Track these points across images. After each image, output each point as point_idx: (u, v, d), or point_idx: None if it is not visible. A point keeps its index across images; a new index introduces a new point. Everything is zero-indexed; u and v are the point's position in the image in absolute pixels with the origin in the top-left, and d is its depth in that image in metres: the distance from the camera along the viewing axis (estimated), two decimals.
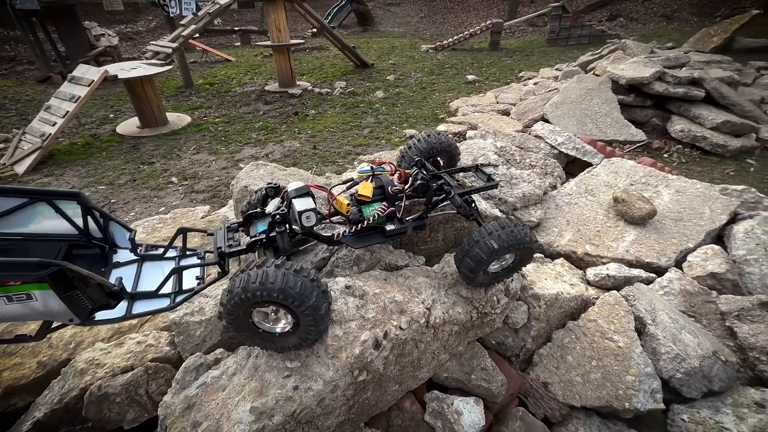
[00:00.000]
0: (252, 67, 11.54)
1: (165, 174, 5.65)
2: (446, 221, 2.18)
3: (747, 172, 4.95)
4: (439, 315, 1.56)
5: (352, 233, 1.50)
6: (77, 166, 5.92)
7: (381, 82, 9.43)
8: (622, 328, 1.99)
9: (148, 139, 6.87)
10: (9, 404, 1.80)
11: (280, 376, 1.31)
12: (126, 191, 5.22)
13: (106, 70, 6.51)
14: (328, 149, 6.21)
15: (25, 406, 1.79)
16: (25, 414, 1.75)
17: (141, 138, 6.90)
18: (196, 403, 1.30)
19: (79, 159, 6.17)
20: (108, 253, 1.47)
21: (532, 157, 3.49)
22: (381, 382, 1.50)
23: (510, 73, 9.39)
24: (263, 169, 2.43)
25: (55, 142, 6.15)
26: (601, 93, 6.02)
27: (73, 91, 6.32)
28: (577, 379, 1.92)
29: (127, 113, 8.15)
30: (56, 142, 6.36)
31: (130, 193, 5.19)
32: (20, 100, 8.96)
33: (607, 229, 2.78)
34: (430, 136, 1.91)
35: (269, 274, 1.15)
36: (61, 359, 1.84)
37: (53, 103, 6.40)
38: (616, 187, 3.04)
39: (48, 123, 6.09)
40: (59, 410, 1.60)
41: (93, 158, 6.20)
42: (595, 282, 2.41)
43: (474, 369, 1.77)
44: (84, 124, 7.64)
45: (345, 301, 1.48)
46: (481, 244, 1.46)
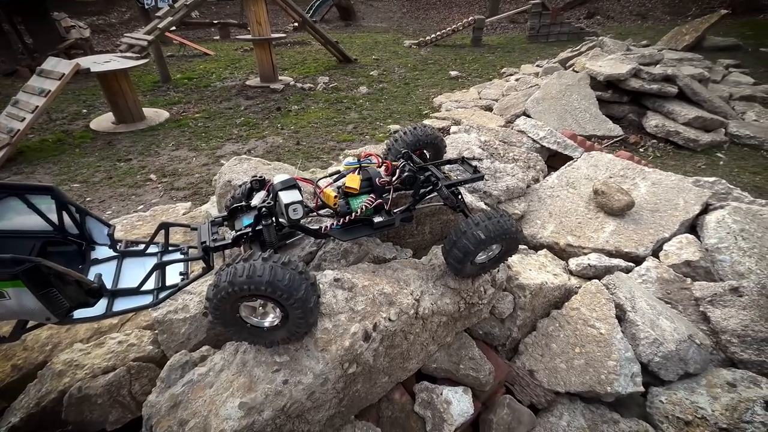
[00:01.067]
0: (232, 61, 11.29)
1: (143, 171, 5.51)
2: (433, 214, 2.19)
3: (717, 166, 5.15)
4: (428, 306, 1.57)
5: (340, 226, 1.49)
6: (48, 164, 5.71)
7: (364, 77, 9.37)
8: (604, 315, 2.04)
9: (124, 135, 6.67)
10: None
11: (269, 371, 1.29)
12: (102, 189, 5.07)
13: (77, 63, 6.25)
14: (311, 145, 6.16)
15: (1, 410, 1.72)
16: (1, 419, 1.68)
17: (116, 134, 6.69)
18: (183, 401, 1.27)
19: (50, 156, 5.96)
20: (86, 250, 1.42)
21: (515, 152, 3.53)
22: (371, 374, 1.50)
23: (492, 69, 9.48)
24: (247, 164, 2.39)
25: (24, 138, 5.91)
26: (580, 89, 6.14)
27: (42, 85, 6.06)
28: (561, 365, 1.97)
29: (101, 108, 7.89)
30: (25, 138, 6.11)
31: (107, 191, 5.04)
32: None
33: (587, 220, 2.85)
34: (416, 129, 1.91)
35: (257, 267, 1.14)
36: (37, 362, 1.77)
37: (21, 97, 6.12)
38: (595, 180, 3.11)
39: (16, 119, 5.83)
40: (36, 414, 1.54)
41: (65, 155, 6.00)
42: (577, 272, 2.46)
43: (462, 359, 1.79)
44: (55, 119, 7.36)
45: (334, 293, 1.47)
46: (468, 235, 1.48)
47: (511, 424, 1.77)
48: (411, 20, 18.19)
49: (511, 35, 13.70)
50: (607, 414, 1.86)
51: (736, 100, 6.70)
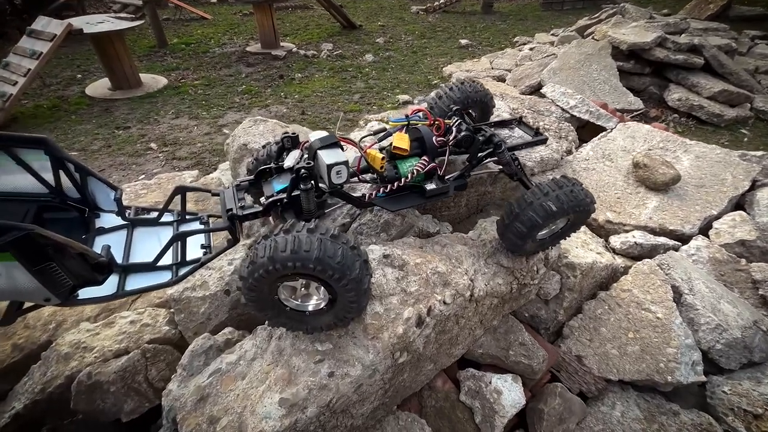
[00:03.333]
0: (231, 26, 10.73)
1: (143, 140, 5.25)
2: (470, 185, 1.97)
3: (741, 142, 4.91)
4: (482, 287, 1.38)
5: (386, 193, 1.27)
6: (44, 131, 5.42)
7: (370, 45, 8.92)
8: (660, 298, 1.87)
9: (121, 101, 6.35)
10: None
11: (311, 361, 1.11)
12: (101, 158, 4.84)
13: (69, 23, 5.83)
14: (317, 115, 5.88)
15: (1, 394, 1.54)
16: (1, 404, 1.50)
17: (113, 101, 6.37)
18: (211, 394, 1.09)
19: (45, 123, 5.66)
20: (89, 217, 1.20)
21: (545, 121, 3.28)
22: (419, 363, 1.33)
23: (504, 38, 9.04)
24: (263, 126, 2.14)
25: (17, 104, 5.60)
26: (600, 59, 5.81)
27: (33, 46, 5.66)
28: (613, 351, 1.81)
29: (96, 74, 7.48)
30: (19, 104, 5.79)
31: (106, 159, 4.82)
32: None
33: (627, 195, 2.65)
34: (464, 84, 1.66)
35: (302, 241, 0.93)
36: (41, 342, 1.58)
37: (12, 60, 5.73)
38: (634, 152, 2.89)
39: (8, 82, 5.47)
40: (42, 401, 1.36)
41: (61, 122, 5.70)
42: (622, 250, 2.28)
43: (511, 344, 1.62)
44: (49, 84, 6.98)
45: (383, 272, 1.27)
46: (536, 207, 1.26)
47: (563, 414, 1.62)
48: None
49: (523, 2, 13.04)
50: (664, 404, 1.71)
51: (762, 73, 6.40)
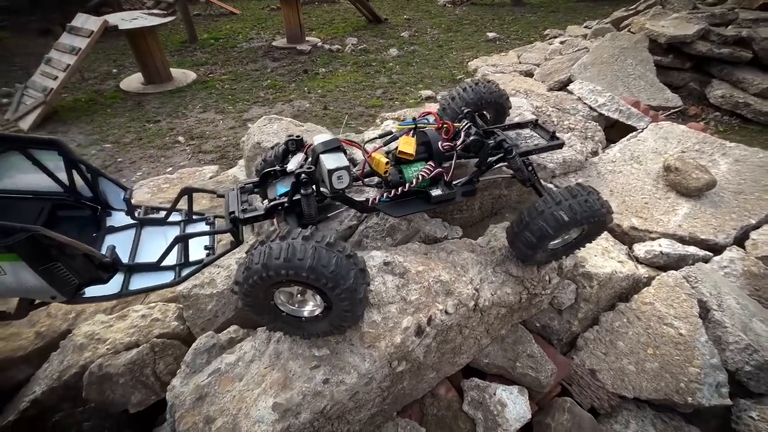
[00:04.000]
0: (258, 21, 10.88)
1: (171, 133, 5.43)
2: (484, 188, 1.92)
3: None
4: (488, 297, 1.34)
5: (390, 198, 1.25)
6: (82, 123, 5.69)
7: (395, 39, 8.85)
8: (684, 313, 1.76)
9: (152, 96, 6.57)
10: (7, 377, 1.64)
11: (306, 366, 1.11)
12: (132, 150, 5.03)
13: (105, 20, 6.09)
14: (339, 110, 5.90)
15: (24, 379, 1.63)
16: (24, 388, 1.59)
17: (145, 95, 6.60)
18: (209, 394, 1.11)
19: (83, 116, 5.93)
20: (101, 216, 1.24)
21: (571, 120, 3.16)
22: (419, 371, 1.30)
23: (534, 31, 8.75)
24: (277, 124, 2.15)
25: (58, 97, 5.90)
26: (636, 52, 5.51)
27: (73, 42, 5.95)
28: (629, 367, 1.72)
29: (130, 68, 7.77)
30: (60, 98, 6.10)
31: (137, 152, 5.01)
32: (22, 53, 8.55)
33: (656, 200, 2.50)
34: (478, 85, 1.60)
35: (297, 248, 0.92)
36: (61, 330, 1.66)
37: (54, 55, 6.04)
38: (666, 155, 2.73)
39: (50, 77, 5.77)
40: (58, 388, 1.43)
41: (97, 115, 5.96)
42: (646, 259, 2.16)
43: (519, 355, 1.57)
44: (87, 79, 7.31)
45: (383, 279, 1.25)
46: (547, 216, 1.21)
47: (572, 430, 1.56)
48: None
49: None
50: (684, 427, 1.62)
51: None
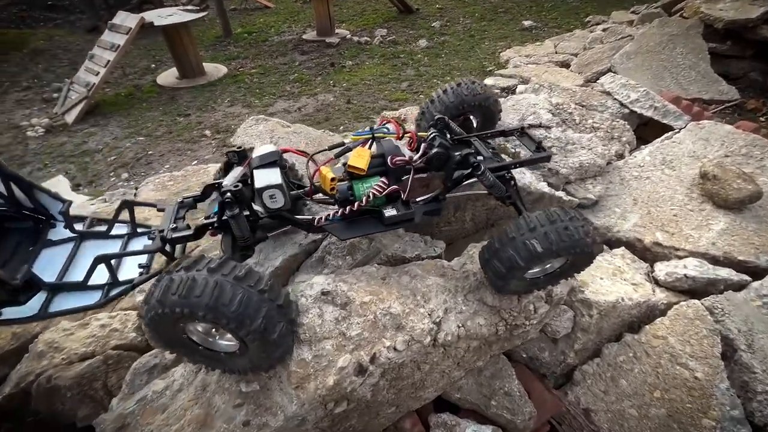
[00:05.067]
0: (291, 14, 10.96)
1: (199, 127, 5.58)
2: (477, 198, 1.73)
3: None
4: (452, 330, 1.18)
5: (340, 218, 1.12)
6: (120, 117, 5.97)
7: (425, 29, 8.59)
8: (703, 352, 1.50)
9: (185, 90, 6.79)
10: None
11: (230, 404, 1.01)
12: (162, 143, 5.22)
13: (142, 17, 6.35)
14: (362, 104, 5.82)
15: (2, 378, 1.67)
16: None
17: (179, 89, 6.82)
18: (130, 425, 1.05)
19: (122, 109, 6.21)
20: (43, 228, 1.20)
21: (596, 118, 2.84)
22: (369, 409, 1.17)
23: (574, 18, 8.16)
24: (263, 125, 2.06)
25: (101, 92, 6.22)
26: (687, 40, 4.96)
27: (113, 39, 6.25)
28: (631, 411, 1.49)
29: (168, 64, 8.07)
30: (102, 92, 6.43)
31: (166, 145, 5.18)
32: (72, 49, 9.09)
33: (687, 212, 2.19)
34: (460, 86, 1.42)
35: (197, 283, 0.81)
36: (35, 332, 1.68)
37: (96, 52, 6.38)
38: (705, 159, 2.38)
39: (92, 73, 6.09)
40: (17, 394, 1.44)
41: (134, 109, 6.23)
42: (666, 282, 1.88)
43: (495, 392, 1.39)
44: (128, 74, 7.66)
45: (320, 311, 1.12)
46: (518, 244, 1.03)
47: None
48: None
49: None
50: None
51: None
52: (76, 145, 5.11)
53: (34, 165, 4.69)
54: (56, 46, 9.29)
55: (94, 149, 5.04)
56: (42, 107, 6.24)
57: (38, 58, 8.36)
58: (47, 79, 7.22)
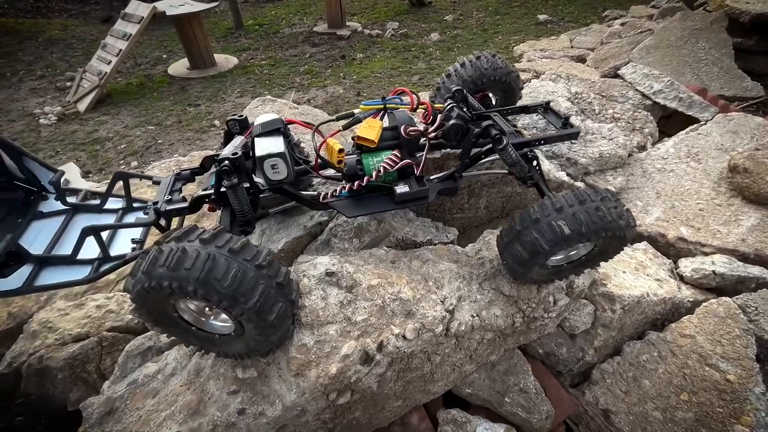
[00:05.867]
0: (303, 6, 10.94)
1: (209, 117, 5.59)
2: (492, 184, 1.63)
3: None
4: (466, 320, 1.08)
5: (347, 194, 1.03)
6: (131, 106, 5.99)
7: (437, 22, 8.49)
8: (736, 353, 1.39)
9: (196, 80, 6.81)
10: None
11: (225, 390, 0.93)
12: (172, 132, 5.23)
13: (154, 6, 6.36)
14: (372, 96, 5.75)
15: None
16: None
17: (189, 79, 6.84)
18: (119, 409, 0.98)
19: (133, 98, 6.24)
20: (34, 200, 1.13)
21: (617, 108, 2.73)
22: (375, 401, 1.09)
23: (592, 13, 8.00)
24: (270, 106, 1.99)
25: (113, 81, 6.24)
26: (711, 34, 4.79)
27: (125, 29, 6.27)
28: (655, 414, 1.39)
29: (179, 54, 8.09)
30: (114, 81, 6.46)
31: (176, 134, 5.19)
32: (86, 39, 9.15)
33: (715, 207, 2.07)
34: (479, 59, 1.32)
35: (187, 255, 0.73)
36: (32, 312, 1.62)
37: (109, 41, 6.40)
38: (734, 152, 2.25)
39: (104, 62, 6.12)
40: (10, 375, 1.38)
41: (145, 98, 6.25)
42: (693, 279, 1.77)
43: (509, 389, 1.30)
44: (140, 64, 7.69)
45: (323, 293, 1.03)
46: (543, 226, 0.93)
47: None
48: None
49: None
50: None
51: None
52: (87, 133, 5.13)
53: (46, 152, 4.71)
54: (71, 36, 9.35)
55: (105, 137, 5.05)
56: (55, 96, 6.27)
57: (53, 48, 8.42)
58: (61, 68, 7.27)
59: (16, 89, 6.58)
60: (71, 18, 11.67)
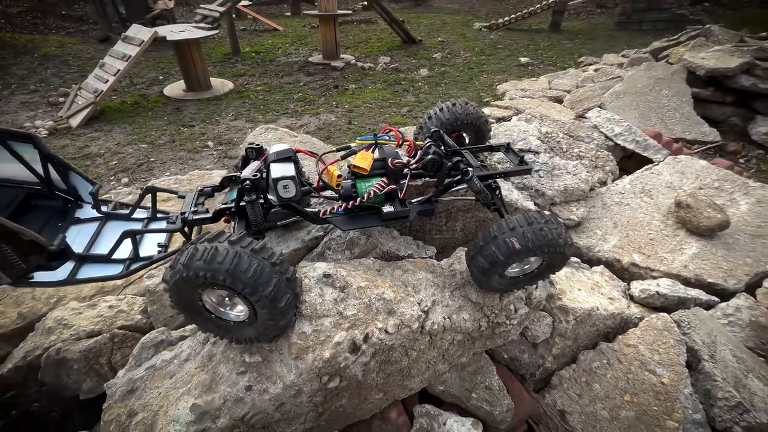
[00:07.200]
0: (299, 37, 11.38)
1: (202, 137, 5.69)
2: (467, 210, 1.87)
3: None
4: (439, 320, 1.29)
5: (343, 212, 1.25)
6: (124, 124, 6.06)
7: (427, 59, 8.98)
8: (669, 360, 1.62)
9: (191, 102, 6.94)
10: None
11: (234, 371, 1.11)
12: (165, 151, 5.30)
13: (155, 31, 6.56)
14: (363, 125, 6.00)
15: (3, 356, 1.73)
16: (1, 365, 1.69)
17: (185, 101, 6.97)
18: (139, 388, 1.13)
19: (127, 117, 6.32)
20: (71, 207, 1.31)
21: (582, 147, 3.05)
22: (360, 390, 1.27)
23: (569, 58, 8.61)
24: (273, 134, 2.22)
25: (107, 99, 6.34)
26: (672, 84, 5.29)
27: (125, 50, 6.44)
28: (603, 413, 1.59)
29: (175, 76, 8.27)
30: (109, 99, 6.54)
31: (168, 153, 5.26)
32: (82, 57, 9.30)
33: (663, 237, 2.35)
34: (455, 105, 1.59)
35: (219, 251, 0.93)
36: (41, 313, 1.75)
37: (107, 61, 6.55)
38: (680, 190, 2.57)
39: (101, 80, 6.25)
40: (23, 367, 1.51)
41: (139, 117, 6.34)
42: (641, 299, 2.02)
43: (476, 386, 1.49)
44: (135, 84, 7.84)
45: (321, 291, 1.24)
46: (499, 242, 1.16)
47: None
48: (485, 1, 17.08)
49: (596, 21, 12.33)
50: None
51: None
52: (78, 149, 5.17)
53: None
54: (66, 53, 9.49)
55: (96, 153, 5.11)
56: (47, 110, 6.33)
57: (48, 63, 8.51)
58: (55, 83, 7.35)
59: (6, 102, 6.61)
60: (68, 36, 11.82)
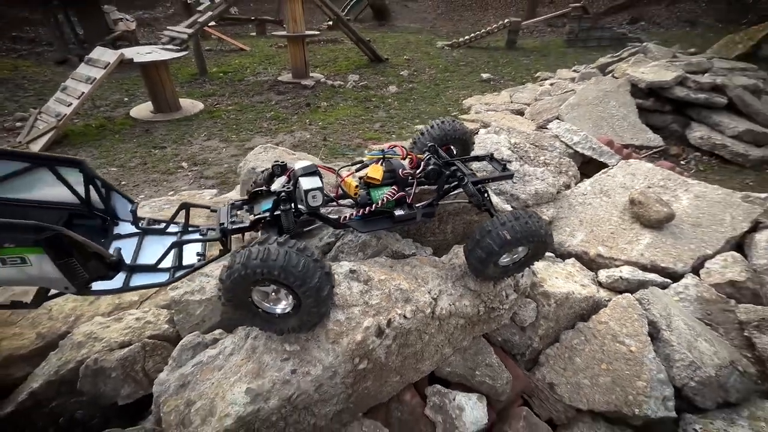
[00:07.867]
0: (266, 57, 11.48)
1: (176, 159, 5.62)
2: (456, 213, 2.12)
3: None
4: (446, 306, 1.51)
5: (360, 217, 1.45)
6: (90, 147, 5.91)
7: (394, 77, 9.34)
8: (635, 331, 1.91)
9: (160, 123, 6.83)
10: (7, 374, 1.78)
11: (278, 359, 1.27)
12: (136, 174, 5.20)
13: (122, 53, 6.47)
14: (338, 141, 6.16)
15: (23, 377, 1.77)
16: (23, 384, 1.73)
17: (154, 122, 6.86)
18: (191, 382, 1.26)
19: (92, 140, 6.16)
20: (109, 225, 1.44)
21: (547, 156, 3.40)
22: (382, 372, 1.45)
23: (526, 73, 9.24)
24: (271, 152, 2.39)
25: (70, 123, 6.16)
26: (618, 96, 5.88)
27: (89, 72, 6.31)
28: (585, 381, 1.85)
29: (141, 98, 8.14)
30: (71, 123, 6.35)
31: (141, 176, 5.18)
32: (38, 80, 8.97)
33: (621, 231, 2.70)
34: (444, 123, 1.85)
35: (272, 251, 1.11)
36: (60, 332, 1.82)
37: (69, 84, 6.38)
38: (632, 189, 2.95)
39: (63, 103, 6.08)
40: (55, 382, 1.57)
41: (106, 140, 6.19)
42: (607, 284, 2.33)
43: (478, 365, 1.71)
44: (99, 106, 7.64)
45: (349, 285, 1.43)
46: (493, 235, 1.40)
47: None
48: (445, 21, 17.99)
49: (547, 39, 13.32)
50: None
51: None
52: None
53: None
54: (21, 77, 9.12)
55: None
56: (2, 136, 6.06)
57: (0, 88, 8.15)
58: (9, 108, 7.03)
59: None
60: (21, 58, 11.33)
